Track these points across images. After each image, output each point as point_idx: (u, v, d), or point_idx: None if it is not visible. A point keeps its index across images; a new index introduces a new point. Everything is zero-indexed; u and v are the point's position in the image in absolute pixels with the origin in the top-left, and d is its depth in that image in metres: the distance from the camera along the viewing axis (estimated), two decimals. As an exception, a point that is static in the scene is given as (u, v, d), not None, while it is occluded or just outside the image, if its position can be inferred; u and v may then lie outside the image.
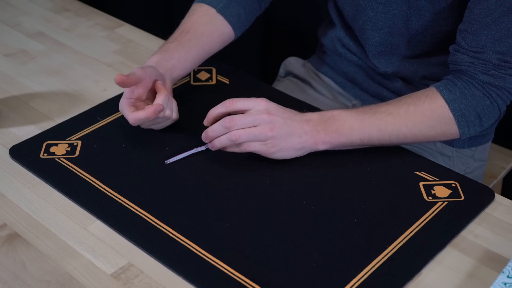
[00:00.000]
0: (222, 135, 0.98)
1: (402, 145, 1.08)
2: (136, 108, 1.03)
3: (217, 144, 0.99)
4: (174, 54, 1.13)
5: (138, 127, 1.09)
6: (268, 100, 0.99)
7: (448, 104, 1.00)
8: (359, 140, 1.00)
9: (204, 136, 1.01)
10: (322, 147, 1.00)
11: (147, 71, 1.05)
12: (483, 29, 0.99)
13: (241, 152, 1.00)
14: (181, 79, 1.18)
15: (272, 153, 0.99)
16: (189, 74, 1.24)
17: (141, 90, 1.05)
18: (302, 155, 1.01)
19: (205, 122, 1.02)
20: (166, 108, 1.04)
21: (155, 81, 1.05)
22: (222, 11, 1.19)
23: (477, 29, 0.99)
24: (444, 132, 1.02)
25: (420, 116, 1.00)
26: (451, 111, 1.00)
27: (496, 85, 1.01)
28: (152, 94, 1.06)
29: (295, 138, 0.99)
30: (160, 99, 1.02)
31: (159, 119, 1.05)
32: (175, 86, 1.21)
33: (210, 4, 1.19)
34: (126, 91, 1.04)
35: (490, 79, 1.00)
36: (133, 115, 1.01)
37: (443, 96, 1.00)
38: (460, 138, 1.03)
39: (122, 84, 1.01)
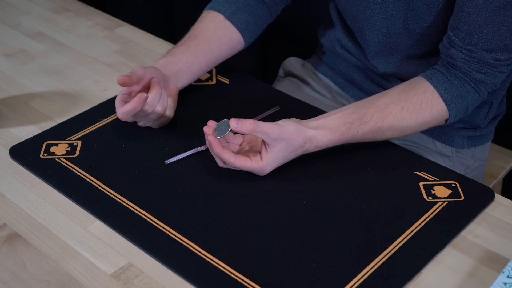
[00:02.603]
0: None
1: (402, 145, 1.10)
2: None
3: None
4: (181, 58, 1.13)
5: (138, 127, 1.10)
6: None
7: (446, 104, 1.03)
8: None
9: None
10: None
11: (148, 71, 1.05)
12: (475, 28, 1.00)
13: None
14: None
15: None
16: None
17: (136, 87, 1.05)
18: None
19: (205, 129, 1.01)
20: (157, 104, 1.04)
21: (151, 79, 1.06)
22: (230, 18, 1.19)
23: (469, 28, 1.01)
24: (434, 126, 1.06)
25: (420, 125, 1.04)
26: (448, 111, 1.03)
27: (487, 82, 1.05)
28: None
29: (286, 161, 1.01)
30: (150, 94, 1.03)
31: (151, 115, 1.05)
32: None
33: (218, 10, 1.20)
34: (123, 87, 1.05)
35: (483, 77, 1.04)
36: (120, 109, 1.02)
37: (442, 96, 1.03)
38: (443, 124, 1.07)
39: (123, 85, 1.02)
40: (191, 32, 1.19)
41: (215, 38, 1.18)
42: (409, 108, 1.02)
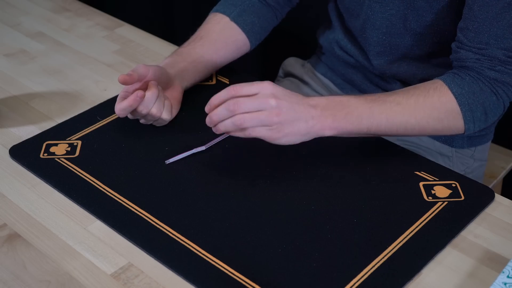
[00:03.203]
0: (226, 118, 0.95)
1: (402, 145, 1.09)
2: None
3: (221, 128, 0.96)
4: (186, 57, 1.14)
5: (137, 127, 1.10)
6: (274, 83, 0.96)
7: (456, 98, 0.99)
8: (367, 129, 0.98)
9: (208, 120, 0.97)
10: (328, 132, 0.97)
11: (150, 69, 1.05)
12: (485, 26, 0.99)
13: (245, 137, 0.96)
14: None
15: (277, 138, 0.95)
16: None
17: (137, 86, 1.06)
18: (308, 140, 0.98)
19: (207, 109, 0.98)
20: (152, 106, 1.04)
21: (147, 81, 1.06)
22: (235, 19, 1.20)
23: (479, 26, 0.99)
24: (451, 126, 1.01)
25: (429, 109, 0.99)
26: (459, 105, 0.99)
27: (503, 81, 1.01)
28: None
29: (301, 123, 0.95)
30: (146, 94, 1.04)
31: (148, 117, 1.06)
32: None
33: (224, 13, 1.21)
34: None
35: (497, 75, 1.00)
36: (117, 106, 1.04)
37: (451, 90, 0.99)
38: (464, 133, 1.02)
39: (125, 83, 1.02)
40: (197, 33, 1.19)
41: (221, 39, 1.19)
42: (416, 92, 0.99)
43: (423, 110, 0.99)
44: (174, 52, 1.16)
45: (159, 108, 1.05)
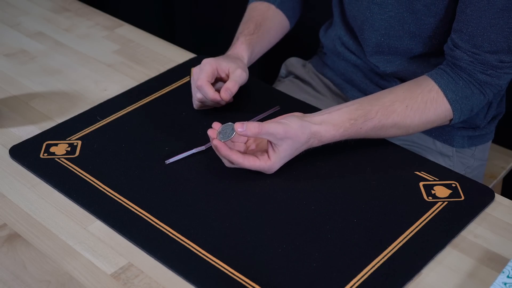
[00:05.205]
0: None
1: (402, 145, 1.10)
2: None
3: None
4: (255, 48, 1.21)
5: (138, 127, 1.10)
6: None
7: (451, 105, 1.03)
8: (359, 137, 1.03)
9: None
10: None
11: (237, 84, 1.10)
12: (479, 31, 1.01)
13: None
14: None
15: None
16: (189, 74, 1.24)
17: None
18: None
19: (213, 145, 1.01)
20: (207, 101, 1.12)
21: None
22: (280, 7, 1.28)
23: (473, 30, 1.01)
24: (438, 126, 1.07)
25: (424, 124, 1.04)
26: (453, 111, 1.04)
27: (492, 83, 1.05)
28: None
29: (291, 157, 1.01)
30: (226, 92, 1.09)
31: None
32: (177, 85, 1.21)
33: (268, 1, 1.28)
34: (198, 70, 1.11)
35: (487, 78, 1.04)
36: (208, 91, 1.08)
37: (446, 96, 1.03)
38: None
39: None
40: (255, 20, 1.25)
41: (273, 27, 1.27)
42: (414, 107, 1.02)
43: (418, 126, 1.04)
44: (246, 41, 1.20)
45: (207, 105, 1.13)
